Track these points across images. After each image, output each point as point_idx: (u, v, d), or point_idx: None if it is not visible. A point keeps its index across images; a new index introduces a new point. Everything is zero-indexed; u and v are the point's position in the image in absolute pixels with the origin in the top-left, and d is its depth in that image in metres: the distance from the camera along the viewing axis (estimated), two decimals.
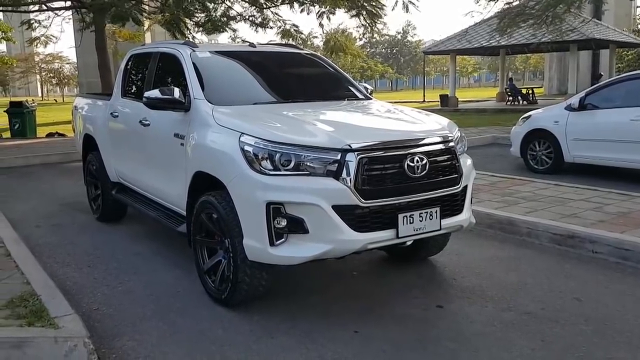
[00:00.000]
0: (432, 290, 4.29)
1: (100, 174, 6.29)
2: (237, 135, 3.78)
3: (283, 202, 3.50)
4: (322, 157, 3.54)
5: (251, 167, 3.62)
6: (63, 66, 68.51)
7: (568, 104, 8.60)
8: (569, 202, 6.29)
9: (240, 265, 3.74)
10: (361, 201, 3.50)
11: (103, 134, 6.11)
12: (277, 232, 3.53)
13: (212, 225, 4.04)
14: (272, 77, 5.14)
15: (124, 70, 5.94)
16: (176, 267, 4.91)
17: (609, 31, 26.33)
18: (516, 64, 79.58)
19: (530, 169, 9.06)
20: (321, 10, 16.75)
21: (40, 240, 5.79)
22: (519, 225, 5.53)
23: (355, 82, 5.46)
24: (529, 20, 15.93)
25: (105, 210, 6.40)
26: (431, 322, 3.73)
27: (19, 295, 3.91)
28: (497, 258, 4.98)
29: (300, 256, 3.57)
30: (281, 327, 3.68)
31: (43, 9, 16.93)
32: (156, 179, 5.06)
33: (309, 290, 4.36)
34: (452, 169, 3.89)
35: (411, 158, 3.64)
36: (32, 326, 3.41)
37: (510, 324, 3.67)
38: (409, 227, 3.66)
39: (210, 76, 4.68)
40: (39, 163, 11.42)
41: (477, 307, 3.95)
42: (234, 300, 3.92)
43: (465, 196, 4.05)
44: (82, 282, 4.59)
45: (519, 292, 4.20)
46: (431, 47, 32.05)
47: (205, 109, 4.27)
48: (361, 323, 3.71)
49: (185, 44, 5.04)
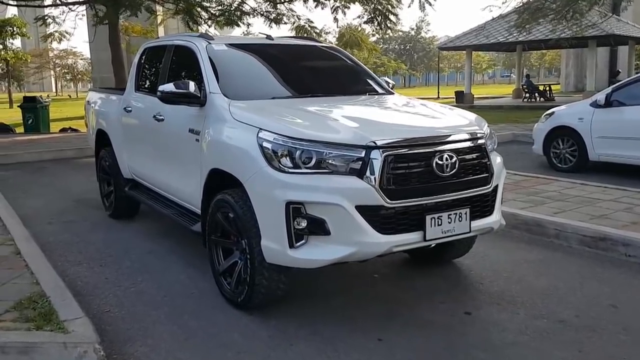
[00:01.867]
0: (458, 296, 4.08)
1: (113, 170, 6.14)
2: (255, 130, 3.59)
3: (303, 202, 3.31)
4: (345, 155, 3.34)
5: (270, 164, 3.44)
6: (77, 62, 68.87)
7: (593, 101, 8.32)
8: (598, 202, 6.04)
9: (258, 267, 3.56)
10: (386, 201, 3.30)
11: (116, 130, 5.96)
12: (297, 234, 3.34)
13: (228, 225, 3.86)
14: (290, 71, 4.94)
15: (138, 64, 5.78)
16: (190, 266, 4.75)
17: (628, 27, 25.83)
18: (531, 60, 78.62)
19: (553, 167, 8.80)
20: (335, 5, 16.55)
21: (52, 238, 5.65)
22: (546, 226, 5.30)
23: (375, 75, 5.26)
24: (549, 15, 15.60)
25: (118, 207, 6.26)
26: (459, 330, 3.53)
27: (28, 296, 3.77)
28: (525, 261, 4.76)
29: (322, 259, 3.38)
30: (300, 333, 3.50)
31: (57, 4, 16.87)
32: (170, 176, 4.89)
33: (328, 293, 4.18)
34: (482, 168, 3.67)
35: (440, 156, 3.44)
36: (40, 330, 3.26)
37: (544, 333, 3.46)
38: (437, 230, 3.45)
39: (227, 69, 4.50)
40: (52, 158, 11.33)
41: (508, 314, 3.73)
42: (251, 303, 3.74)
43: (496, 196, 3.83)
44: (93, 282, 4.44)
45: (550, 298, 3.98)
46: (446, 43, 31.67)
47: (221, 104, 4.09)
48: (385, 330, 3.51)
49: (201, 37, 4.86)
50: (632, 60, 28.94)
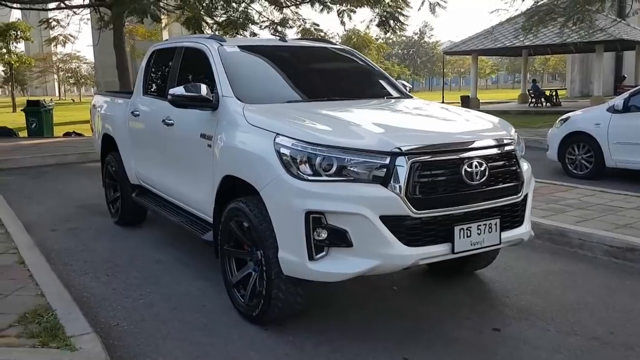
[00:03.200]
0: (484, 310, 3.88)
1: (119, 175, 5.96)
2: (271, 136, 3.40)
3: (324, 212, 3.12)
4: (369, 162, 3.15)
5: (288, 171, 3.25)
6: (80, 66, 68.76)
7: (610, 106, 8.12)
8: (620, 210, 5.84)
9: (274, 280, 3.37)
10: (413, 211, 3.11)
11: (123, 134, 5.78)
12: (317, 245, 3.15)
13: (243, 234, 3.67)
14: (305, 74, 4.76)
15: (146, 67, 5.60)
16: (200, 277, 4.55)
17: (636, 32, 25.61)
18: (535, 65, 78.44)
19: (569, 173, 8.59)
20: (342, 9, 16.42)
21: (56, 246, 5.47)
22: (570, 236, 5.09)
23: (392, 78, 5.07)
24: (557, 19, 15.39)
25: (125, 214, 6.08)
26: (489, 349, 3.32)
27: (33, 309, 3.58)
28: (550, 273, 4.56)
29: (343, 272, 3.18)
30: (320, 351, 3.30)
31: (62, 7, 16.75)
32: (180, 183, 4.71)
33: (346, 306, 3.98)
34: (513, 175, 3.48)
35: (469, 163, 3.24)
36: (46, 347, 3.08)
37: (579, 352, 3.26)
38: (466, 241, 3.25)
39: (240, 72, 4.32)
40: (55, 163, 11.15)
41: (538, 330, 3.53)
42: (267, 318, 3.55)
43: (526, 206, 3.64)
44: (100, 294, 4.25)
45: (581, 313, 3.77)
46: (452, 48, 31.48)
47: (235, 108, 3.90)
48: (409, 347, 3.31)
49: (212, 38, 4.68)
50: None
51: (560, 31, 18.19)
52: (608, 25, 20.69)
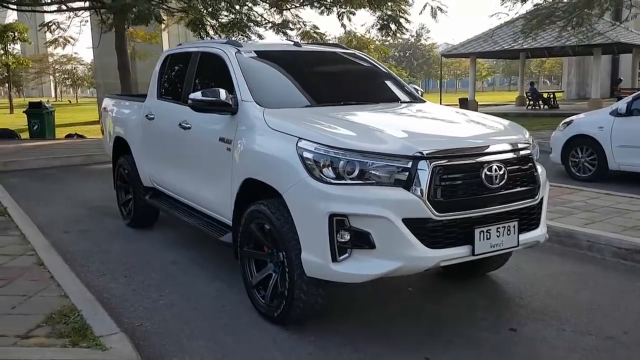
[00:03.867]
0: (499, 311, 3.96)
1: (132, 178, 6.01)
2: (294, 140, 3.48)
3: (347, 214, 3.20)
4: (391, 165, 3.23)
5: (311, 174, 3.32)
6: (77, 67, 68.59)
7: (614, 109, 8.22)
8: (627, 213, 5.93)
9: (297, 281, 3.44)
10: (435, 214, 3.19)
11: (137, 137, 5.83)
12: (340, 247, 3.22)
13: (263, 236, 3.74)
14: (320, 78, 4.84)
15: (160, 71, 5.66)
16: (216, 278, 4.62)
17: (633, 35, 25.82)
18: (531, 67, 78.72)
19: (572, 176, 8.68)
20: (341, 11, 16.50)
21: (71, 248, 5.52)
22: (578, 238, 5.18)
23: (405, 83, 5.15)
24: (557, 22, 15.54)
25: (137, 216, 6.13)
26: (507, 348, 3.40)
27: (58, 310, 3.64)
28: (561, 274, 4.64)
29: (366, 274, 3.26)
30: (343, 352, 3.37)
31: (62, 9, 16.75)
32: (196, 185, 4.77)
33: (364, 307, 4.06)
34: (530, 179, 3.56)
35: (489, 167, 3.32)
36: (76, 346, 3.13)
37: (595, 351, 3.34)
38: (486, 244, 3.34)
39: (258, 77, 4.39)
40: (60, 165, 11.19)
41: (554, 330, 3.61)
42: (288, 318, 3.62)
43: (542, 209, 3.72)
44: (120, 295, 4.31)
45: (594, 314, 3.86)
46: (451, 50, 31.61)
47: (255, 113, 3.98)
48: (430, 348, 3.39)
49: (229, 44, 4.74)
50: (637, 68, 28.90)
51: (559, 34, 18.35)
52: (606, 29, 20.84)
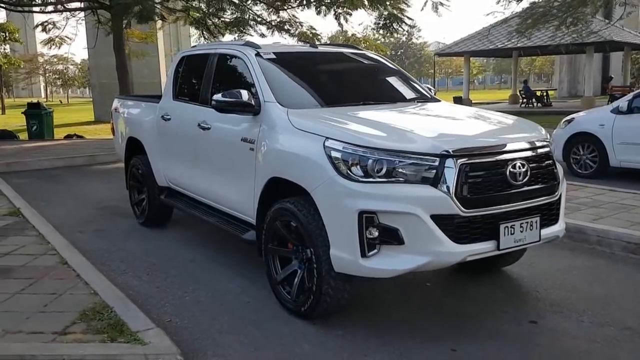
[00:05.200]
0: (518, 304, 4.08)
1: (146, 178, 6.08)
2: (321, 139, 3.57)
3: (376, 211, 3.30)
4: (418, 163, 3.34)
5: (339, 173, 3.42)
6: (67, 67, 68.25)
7: (615, 107, 8.39)
8: (633, 208, 6.09)
9: (325, 276, 3.54)
10: (462, 210, 3.30)
11: (152, 137, 5.90)
12: (369, 243, 3.33)
13: (289, 233, 3.84)
14: (339, 79, 4.94)
15: (175, 73, 5.73)
16: (237, 275, 4.71)
17: (625, 33, 26.12)
18: (522, 66, 79.25)
19: (574, 173, 8.84)
20: (338, 12, 16.59)
21: (88, 247, 5.57)
22: (588, 233, 5.32)
23: (418, 82, 5.26)
24: (552, 21, 15.71)
25: (151, 215, 6.20)
26: (530, 339, 3.53)
27: (91, 307, 3.73)
28: (573, 268, 4.78)
29: (394, 269, 3.37)
30: (371, 344, 3.47)
31: (59, 9, 16.72)
32: (217, 184, 4.85)
33: (386, 302, 4.17)
34: (551, 176, 3.69)
35: (512, 164, 3.44)
36: (115, 342, 3.22)
37: (615, 341, 3.47)
38: (510, 239, 3.46)
39: (279, 78, 4.49)
40: (64, 165, 11.20)
41: (573, 322, 3.74)
42: (315, 313, 3.72)
43: (561, 204, 3.85)
44: (145, 292, 4.39)
45: (610, 305, 3.99)
46: (444, 49, 31.84)
47: (278, 113, 4.07)
48: (455, 340, 3.50)
49: (247, 45, 4.83)
50: (628, 66, 29.23)
51: (553, 33, 18.55)
52: (599, 27, 21.09)
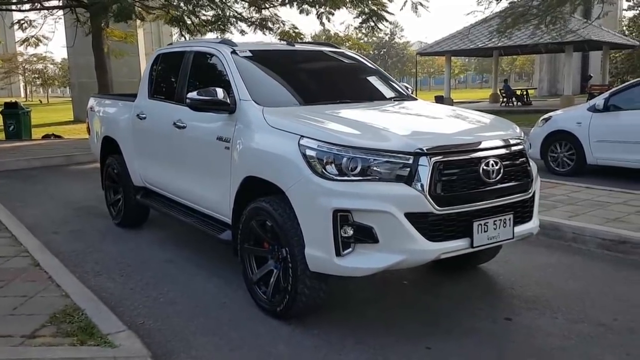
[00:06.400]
0: (493, 301, 4.09)
1: (122, 178, 6.00)
2: (295, 138, 3.55)
3: (351, 210, 3.28)
4: (392, 162, 3.32)
5: (314, 172, 3.39)
6: (47, 67, 67.38)
7: (591, 105, 8.47)
8: (608, 205, 6.15)
9: (300, 276, 3.52)
10: (436, 208, 3.29)
11: (127, 137, 5.82)
12: (344, 242, 3.31)
13: (265, 233, 3.81)
14: (315, 77, 4.91)
15: (150, 71, 5.66)
16: (213, 275, 4.67)
17: (603, 33, 26.43)
18: (502, 65, 79.89)
19: (551, 170, 8.91)
20: (320, 11, 16.59)
21: (62, 248, 5.49)
22: (564, 230, 5.36)
23: (396, 81, 5.26)
24: (531, 20, 15.85)
25: (127, 216, 6.12)
26: (505, 336, 3.53)
27: (61, 309, 3.66)
28: (548, 265, 4.80)
29: (369, 267, 3.35)
30: (346, 343, 3.46)
31: (37, 8, 16.47)
32: (192, 184, 4.80)
33: (362, 301, 4.15)
34: (524, 173, 3.71)
35: (486, 162, 3.45)
36: (85, 345, 3.16)
37: (589, 337, 3.49)
38: (484, 236, 3.46)
39: (254, 76, 4.45)
40: (41, 166, 11.06)
41: (547, 318, 3.75)
42: (291, 312, 3.69)
43: (534, 202, 3.86)
44: (118, 294, 4.33)
45: (585, 302, 4.02)
46: (426, 49, 31.95)
47: (254, 111, 4.03)
48: (430, 338, 3.50)
49: (224, 43, 4.78)
50: (607, 65, 29.59)
51: (532, 32, 18.70)
52: (578, 27, 21.32)
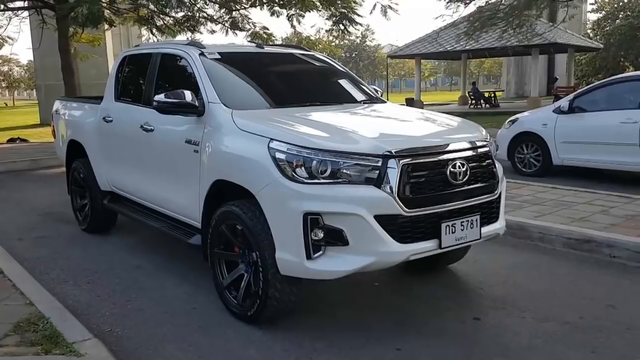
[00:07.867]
0: (462, 302, 4.14)
1: (88, 182, 5.89)
2: (265, 141, 3.53)
3: (321, 212, 3.28)
4: (362, 164, 3.33)
5: (284, 175, 3.38)
6: (12, 69, 65.97)
7: (557, 107, 8.63)
8: (573, 205, 6.27)
9: (271, 280, 3.50)
10: (404, 210, 3.31)
11: (93, 140, 5.72)
12: (314, 245, 3.30)
13: (235, 237, 3.78)
14: (285, 80, 4.90)
15: (117, 73, 5.58)
16: (184, 280, 4.61)
17: (568, 36, 27.04)
18: (471, 68, 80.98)
19: (518, 171, 9.05)
20: (290, 13, 16.59)
21: (27, 255, 5.37)
22: (530, 230, 5.45)
23: (366, 84, 5.28)
24: (498, 23, 16.11)
25: (94, 221, 6.01)
26: (473, 336, 3.57)
27: (26, 318, 3.58)
28: (515, 265, 4.88)
29: (340, 270, 3.35)
30: (317, 346, 3.45)
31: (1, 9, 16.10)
32: (161, 188, 4.73)
33: (333, 304, 4.15)
34: (490, 175, 3.76)
35: (453, 164, 3.48)
36: (50, 354, 3.09)
37: (555, 335, 3.55)
38: (452, 237, 3.49)
39: (223, 79, 4.41)
40: (5, 170, 10.80)
41: (515, 318, 3.81)
42: (262, 317, 3.67)
43: (501, 203, 3.92)
44: (85, 301, 4.24)
45: (551, 301, 4.09)
46: (396, 52, 32.21)
47: (223, 114, 4.00)
48: (400, 339, 3.52)
49: (191, 45, 4.74)
50: (572, 67, 30.25)
51: (500, 36, 19.02)
52: (544, 30, 21.76)
